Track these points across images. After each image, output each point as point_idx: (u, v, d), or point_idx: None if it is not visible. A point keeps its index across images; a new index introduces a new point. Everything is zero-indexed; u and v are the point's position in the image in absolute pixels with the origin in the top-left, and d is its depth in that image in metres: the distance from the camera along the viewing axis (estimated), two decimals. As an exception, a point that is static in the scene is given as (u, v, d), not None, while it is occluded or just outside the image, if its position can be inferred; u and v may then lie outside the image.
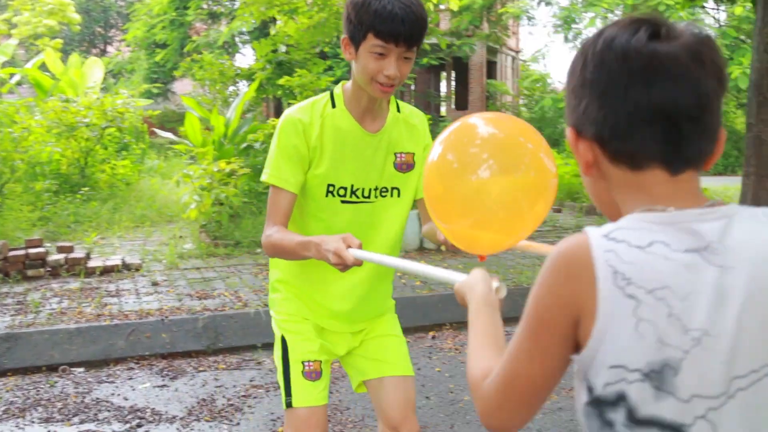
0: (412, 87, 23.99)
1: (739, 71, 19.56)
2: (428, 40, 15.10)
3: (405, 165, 2.39)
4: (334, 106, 2.31)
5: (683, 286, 1.05)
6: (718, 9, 22.43)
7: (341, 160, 2.29)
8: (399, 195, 2.40)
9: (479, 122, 1.78)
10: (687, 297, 1.05)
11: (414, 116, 2.46)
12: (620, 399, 1.07)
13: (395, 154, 2.37)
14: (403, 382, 2.49)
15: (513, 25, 26.44)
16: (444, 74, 29.20)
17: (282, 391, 2.37)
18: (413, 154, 2.41)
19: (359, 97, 2.27)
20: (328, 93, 2.35)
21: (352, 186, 2.32)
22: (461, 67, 26.54)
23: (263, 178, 2.27)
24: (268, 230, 2.24)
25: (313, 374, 2.37)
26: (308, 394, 2.35)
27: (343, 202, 2.32)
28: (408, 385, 2.50)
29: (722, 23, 22.38)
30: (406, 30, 2.08)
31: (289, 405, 2.34)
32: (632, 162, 1.13)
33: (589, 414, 1.12)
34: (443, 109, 28.45)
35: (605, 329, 1.06)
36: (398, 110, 2.40)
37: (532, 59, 30.94)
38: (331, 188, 2.30)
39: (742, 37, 21.45)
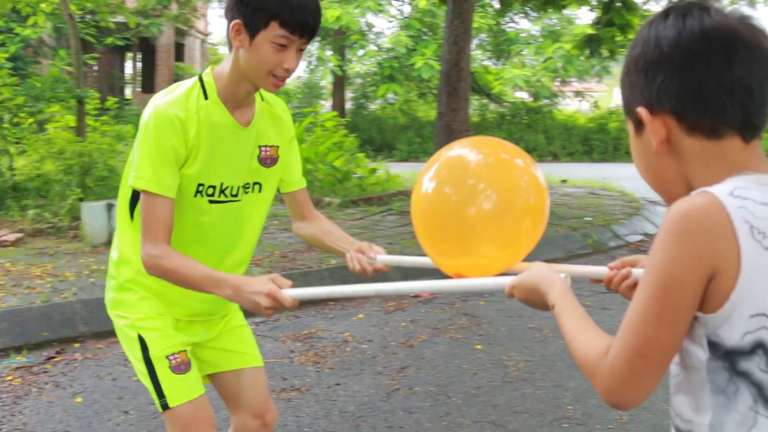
0: (95, 68, 22.42)
1: (422, 62, 20.88)
2: (113, 19, 14.01)
3: (269, 159, 2.26)
4: (206, 97, 2.10)
5: None
6: (403, 2, 23.70)
7: (213, 158, 2.11)
8: (260, 190, 2.28)
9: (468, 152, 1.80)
10: None
11: (278, 106, 2.33)
12: (758, 346, 1.15)
13: (260, 147, 2.23)
14: (261, 372, 2.50)
15: (202, 7, 25.74)
16: (130, 55, 27.70)
17: (153, 394, 2.19)
18: (278, 147, 2.29)
19: (237, 88, 2.10)
20: (197, 81, 2.13)
21: (222, 185, 2.16)
22: (148, 48, 25.47)
23: (134, 183, 2.03)
24: (152, 249, 2.01)
25: (181, 366, 2.21)
26: (183, 389, 2.19)
27: (211, 202, 2.16)
28: (264, 375, 2.52)
29: (406, 15, 23.68)
30: (313, 20, 1.99)
31: (165, 407, 2.17)
32: (712, 132, 1.19)
33: (715, 369, 1.17)
34: (128, 92, 27.13)
35: (749, 281, 1.11)
36: (262, 99, 2.26)
37: (221, 43, 30.56)
38: (200, 188, 2.13)
39: (425, 29, 22.86)
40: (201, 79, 2.12)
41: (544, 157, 21.41)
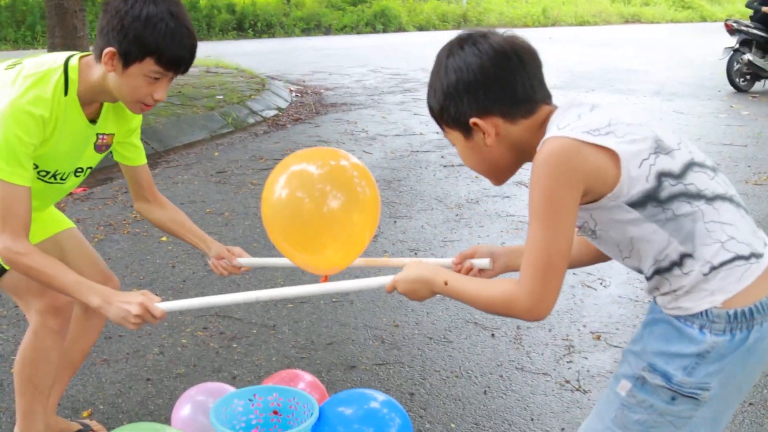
0: None
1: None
2: None
3: (104, 146, 2.29)
4: (66, 92, 2.06)
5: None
6: None
7: (56, 149, 2.11)
8: (87, 172, 2.35)
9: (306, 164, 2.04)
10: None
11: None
12: (660, 175, 1.51)
13: (98, 134, 2.23)
14: (76, 233, 2.55)
15: None
16: None
17: None
18: (113, 135, 2.31)
19: (98, 97, 2.12)
20: (61, 72, 2.05)
21: (56, 171, 2.18)
22: None
23: None
24: (12, 243, 1.98)
25: None
26: None
27: (39, 179, 2.16)
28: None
29: None
30: (190, 57, 2.03)
31: (2, 271, 2.19)
32: (529, 112, 1.59)
33: (651, 216, 1.50)
34: None
35: (624, 157, 1.48)
36: None
37: None
38: (35, 169, 2.10)
39: None
40: (66, 72, 2.05)
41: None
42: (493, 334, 3.47)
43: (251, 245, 4.59)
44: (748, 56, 10.81)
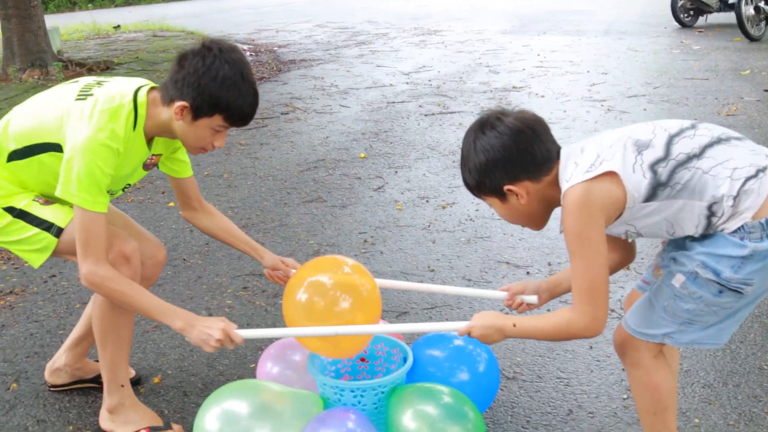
0: None
1: None
2: None
3: (152, 165, 2.39)
4: (134, 127, 2.19)
5: None
6: None
7: (118, 174, 2.22)
8: (129, 186, 2.43)
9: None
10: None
11: None
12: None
13: (150, 155, 2.35)
14: (113, 208, 2.58)
15: None
16: None
17: (40, 235, 2.23)
18: (161, 155, 2.41)
19: (161, 134, 2.26)
20: (131, 107, 2.17)
21: (110, 190, 2.24)
22: None
23: (81, 203, 2.09)
24: (97, 268, 2.11)
25: (50, 201, 2.28)
26: (66, 210, 2.24)
27: None
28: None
29: None
30: (253, 115, 2.19)
31: (59, 232, 2.23)
32: (549, 170, 1.92)
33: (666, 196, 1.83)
34: None
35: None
36: None
37: None
38: None
39: None
40: (135, 109, 2.17)
41: (62, 8, 19.59)
42: (528, 272, 3.57)
43: (262, 203, 4.58)
44: (691, -9, 11.07)
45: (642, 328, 1.97)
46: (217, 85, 2.07)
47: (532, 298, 2.33)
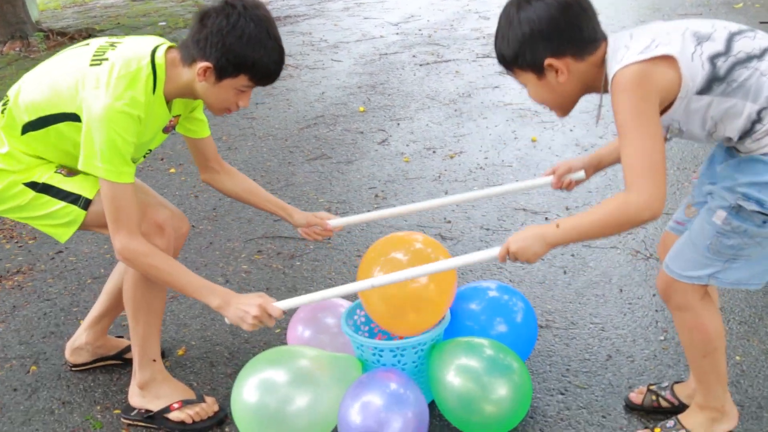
0: None
1: None
2: None
3: (171, 127, 2.30)
4: (154, 91, 2.08)
5: None
6: None
7: (140, 141, 2.11)
8: (150, 152, 2.34)
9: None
10: None
11: None
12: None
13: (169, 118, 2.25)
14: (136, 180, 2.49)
15: None
16: None
17: (66, 209, 2.14)
18: (180, 116, 2.32)
19: (182, 95, 2.15)
20: (149, 70, 2.05)
21: (132, 158, 2.10)
22: None
23: (107, 175, 1.99)
24: (131, 242, 2.03)
25: (73, 172, 2.18)
26: (91, 181, 2.15)
27: None
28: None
29: None
30: (279, 73, 2.09)
31: (86, 203, 2.14)
32: (594, 49, 1.80)
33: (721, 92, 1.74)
34: None
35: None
36: None
37: None
38: None
39: None
40: (154, 70, 2.06)
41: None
42: (546, 218, 3.49)
43: (265, 164, 4.47)
44: None
45: (686, 270, 1.90)
46: (243, 44, 1.96)
47: (579, 174, 2.24)
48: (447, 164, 4.24)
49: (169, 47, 2.13)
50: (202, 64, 1.99)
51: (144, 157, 2.29)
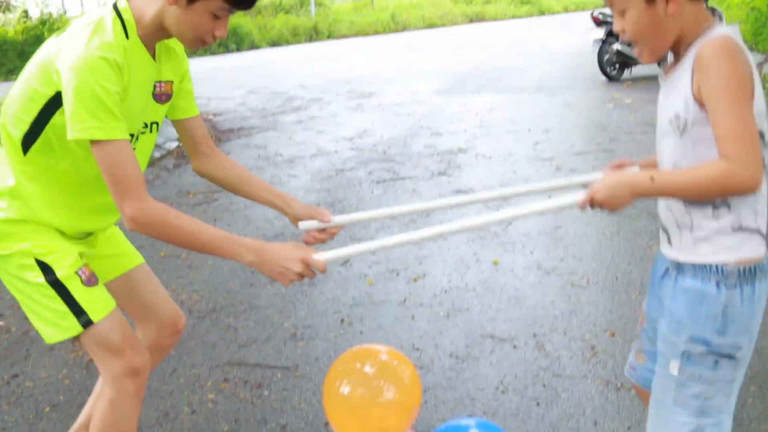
0: None
1: None
2: None
3: (164, 96, 2.12)
4: (127, 36, 1.92)
5: None
6: None
7: (131, 104, 1.96)
8: (153, 130, 2.15)
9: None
10: None
11: (172, 39, 2.08)
12: None
13: (155, 83, 2.08)
14: (148, 269, 2.41)
15: None
16: None
17: (67, 316, 2.01)
18: (172, 82, 2.15)
19: (156, 36, 1.99)
20: (113, 15, 1.90)
21: (129, 132, 1.97)
22: None
23: (93, 134, 1.81)
24: (140, 203, 1.87)
25: (92, 279, 2.08)
26: (103, 301, 2.07)
27: None
28: (152, 273, 2.43)
29: None
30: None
31: (88, 323, 2.02)
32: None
33: None
34: None
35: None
36: None
37: None
38: None
39: None
40: (119, 15, 1.91)
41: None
42: (514, 345, 3.50)
43: (227, 285, 4.42)
44: (616, 46, 11.43)
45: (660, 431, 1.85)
46: None
47: (634, 169, 2.03)
48: (411, 287, 4.26)
49: None
50: None
51: (143, 133, 2.12)
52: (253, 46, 23.79)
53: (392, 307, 4.01)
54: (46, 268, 2.01)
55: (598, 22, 11.58)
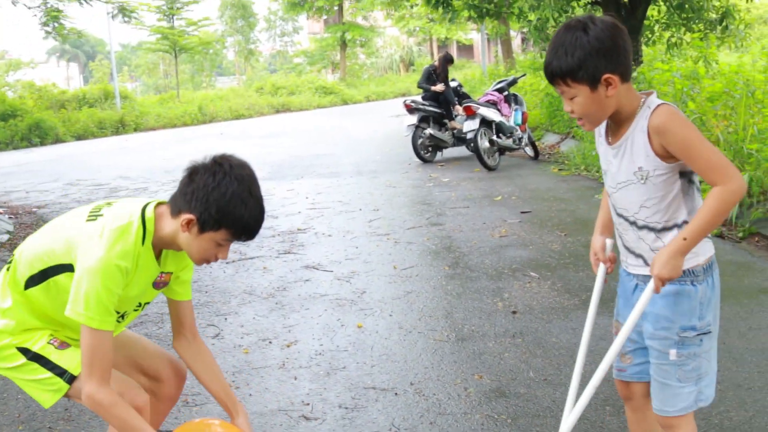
0: None
1: None
2: None
3: (162, 284, 2.45)
4: (143, 242, 2.28)
5: None
6: None
7: (128, 294, 2.30)
8: (143, 307, 2.51)
9: None
10: None
11: None
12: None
13: (159, 273, 2.42)
14: (129, 332, 2.71)
15: None
16: None
17: (53, 379, 2.31)
18: (171, 273, 2.48)
19: (168, 247, 2.34)
20: (139, 223, 2.27)
21: (123, 312, 2.38)
22: None
23: (87, 322, 2.18)
24: (97, 389, 2.19)
25: (64, 344, 2.37)
26: (75, 356, 2.32)
27: None
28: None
29: None
30: (258, 230, 2.30)
31: (72, 379, 2.31)
32: (629, 77, 2.22)
33: (682, 185, 2.25)
34: None
35: None
36: None
37: None
38: None
39: None
40: (144, 223, 2.27)
41: None
42: (396, 393, 3.85)
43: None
44: (429, 131, 12.41)
45: (676, 406, 2.35)
46: (226, 201, 2.17)
47: (609, 244, 2.53)
48: (287, 353, 4.51)
49: (159, 203, 2.35)
50: (187, 216, 2.19)
51: (135, 311, 2.45)
52: (58, 140, 23.08)
53: (273, 371, 4.25)
54: (24, 351, 2.33)
55: (411, 110, 12.49)
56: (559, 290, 5.42)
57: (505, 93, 12.37)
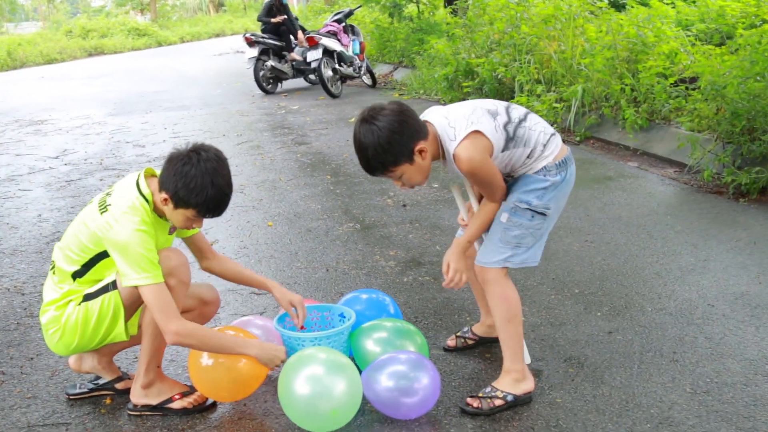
0: None
1: None
2: None
3: (172, 229, 2.91)
4: (152, 210, 2.74)
5: None
6: None
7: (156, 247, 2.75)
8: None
9: None
10: None
11: None
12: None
13: (170, 226, 2.90)
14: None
15: None
16: None
17: (104, 300, 2.74)
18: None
19: (161, 212, 2.78)
20: (141, 199, 2.69)
21: None
22: None
23: (146, 282, 2.60)
24: (179, 327, 2.63)
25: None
26: (102, 272, 2.79)
27: None
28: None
29: None
30: (222, 212, 2.72)
31: (114, 285, 2.73)
32: (425, 133, 2.70)
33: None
34: None
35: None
36: None
37: None
38: None
39: None
40: (144, 198, 2.70)
41: None
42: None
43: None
44: (270, 62, 12.76)
45: (489, 258, 2.78)
46: (189, 189, 2.60)
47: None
48: (215, 248, 4.97)
49: (145, 175, 2.77)
50: (163, 195, 2.66)
51: None
52: None
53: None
54: (103, 289, 2.80)
55: (251, 43, 12.72)
56: (438, 188, 6.22)
57: (343, 24, 12.95)
